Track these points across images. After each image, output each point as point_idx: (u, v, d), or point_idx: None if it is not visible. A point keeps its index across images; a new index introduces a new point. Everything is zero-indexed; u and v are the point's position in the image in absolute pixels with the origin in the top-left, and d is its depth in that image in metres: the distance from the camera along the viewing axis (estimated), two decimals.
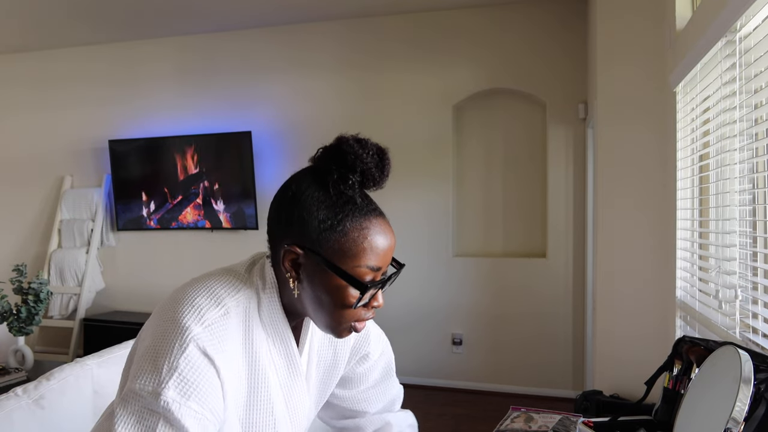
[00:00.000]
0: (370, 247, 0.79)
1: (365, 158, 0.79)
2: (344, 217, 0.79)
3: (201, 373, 0.75)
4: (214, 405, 0.77)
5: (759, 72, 1.40)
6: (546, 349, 3.88)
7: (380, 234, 0.81)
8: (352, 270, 0.79)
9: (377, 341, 1.12)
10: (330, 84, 4.25)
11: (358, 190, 0.81)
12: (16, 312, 2.75)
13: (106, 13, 4.05)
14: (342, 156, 0.79)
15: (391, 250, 0.83)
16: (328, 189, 0.80)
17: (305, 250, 0.81)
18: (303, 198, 0.81)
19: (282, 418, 0.89)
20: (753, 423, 0.88)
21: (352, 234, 0.79)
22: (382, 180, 0.81)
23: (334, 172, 0.79)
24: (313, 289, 0.82)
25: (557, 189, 3.88)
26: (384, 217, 0.83)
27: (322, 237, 0.79)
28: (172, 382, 0.73)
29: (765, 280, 1.37)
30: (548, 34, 3.86)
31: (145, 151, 4.51)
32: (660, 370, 1.27)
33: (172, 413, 0.73)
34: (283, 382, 0.89)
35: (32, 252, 4.90)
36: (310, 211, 0.80)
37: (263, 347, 0.86)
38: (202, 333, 0.77)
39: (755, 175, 1.50)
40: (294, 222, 0.81)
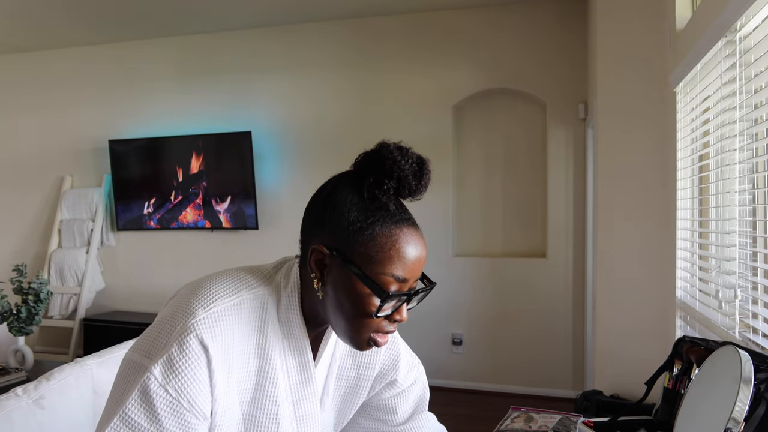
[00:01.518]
0: (397, 256, 0.78)
1: (403, 165, 0.78)
2: (375, 221, 0.78)
3: (190, 361, 0.76)
4: (194, 396, 0.77)
5: (759, 72, 1.40)
6: (546, 348, 3.88)
7: (410, 244, 0.79)
8: (377, 276, 0.77)
9: (408, 369, 1.06)
10: (330, 84, 4.25)
11: (393, 198, 0.80)
12: (16, 312, 2.75)
13: (106, 13, 4.05)
14: (380, 161, 0.78)
15: (420, 263, 0.80)
16: (362, 193, 0.79)
17: (332, 251, 0.79)
18: (336, 199, 0.80)
19: (287, 424, 0.88)
20: (753, 423, 0.88)
21: (380, 239, 0.77)
22: (419, 190, 0.80)
23: (370, 176, 0.79)
24: (336, 293, 0.81)
25: (557, 189, 3.88)
26: (417, 228, 0.82)
27: (350, 239, 0.78)
28: (161, 362, 0.75)
29: (765, 280, 1.37)
30: (548, 35, 3.86)
31: (146, 151, 4.51)
32: (660, 370, 1.27)
33: (149, 391, 0.75)
34: (294, 387, 0.88)
35: (32, 252, 4.90)
36: (341, 213, 0.79)
37: (277, 347, 0.85)
38: (206, 320, 0.78)
39: (755, 175, 1.50)
40: (325, 222, 0.81)
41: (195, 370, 0.77)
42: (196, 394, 0.77)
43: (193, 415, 0.78)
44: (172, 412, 0.76)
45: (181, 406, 0.76)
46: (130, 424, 0.76)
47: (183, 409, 0.77)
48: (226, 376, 0.80)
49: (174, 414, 0.76)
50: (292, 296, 0.86)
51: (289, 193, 4.28)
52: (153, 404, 0.75)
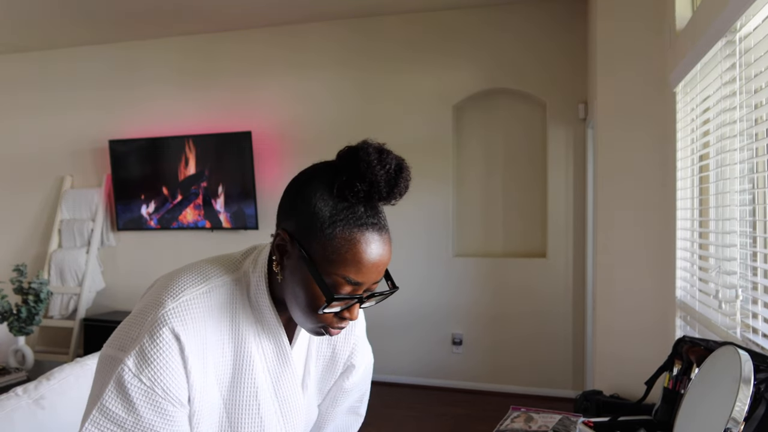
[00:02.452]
0: (353, 260, 0.77)
1: (377, 170, 0.76)
2: (338, 221, 0.77)
3: (161, 350, 0.78)
4: (167, 384, 0.78)
5: (759, 72, 1.40)
6: (546, 348, 3.88)
7: (369, 249, 0.78)
8: (329, 275, 0.78)
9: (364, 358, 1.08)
10: (330, 84, 4.25)
11: (363, 200, 0.78)
12: (16, 312, 2.75)
13: (106, 13, 4.05)
14: (356, 161, 0.77)
15: (377, 269, 0.79)
16: (333, 189, 0.79)
17: (293, 239, 0.80)
18: (309, 189, 0.80)
19: (268, 405, 0.89)
20: (753, 423, 0.88)
21: (339, 241, 0.77)
22: (391, 196, 0.78)
23: (343, 175, 0.78)
24: (291, 280, 0.82)
25: (557, 189, 3.88)
26: (383, 233, 0.80)
27: (311, 233, 0.78)
28: (133, 353, 0.78)
29: (765, 280, 1.37)
30: (548, 35, 3.86)
31: (145, 151, 4.51)
32: (660, 370, 1.27)
33: (123, 381, 0.77)
34: (272, 369, 0.89)
35: (32, 252, 4.90)
36: (309, 204, 0.79)
37: (251, 330, 0.87)
38: (175, 309, 0.80)
39: (755, 175, 1.50)
40: (293, 209, 0.81)
41: (167, 358, 0.78)
42: (170, 381, 0.79)
43: (169, 402, 0.79)
44: (147, 401, 0.78)
45: (155, 394, 0.78)
46: (109, 416, 0.78)
47: (158, 397, 0.78)
48: (202, 362, 0.82)
49: (150, 402, 0.78)
50: (261, 280, 0.87)
51: None
52: (129, 394, 0.77)
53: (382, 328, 4.13)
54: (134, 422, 0.78)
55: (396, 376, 4.13)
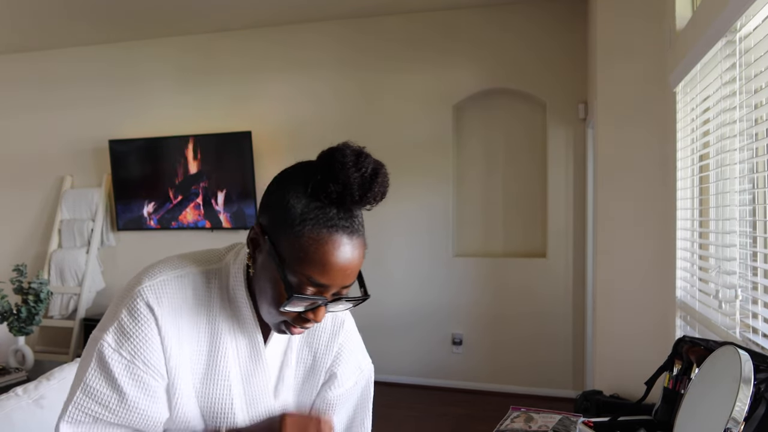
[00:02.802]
0: (318, 261, 0.76)
1: (351, 172, 0.74)
2: (307, 220, 0.76)
3: (138, 323, 0.80)
4: (148, 356, 0.80)
5: (759, 72, 1.40)
6: (546, 349, 3.88)
7: (337, 252, 0.76)
8: (294, 274, 0.77)
9: (353, 370, 1.02)
10: (330, 84, 4.25)
11: (336, 201, 0.77)
12: (16, 312, 2.75)
13: (106, 13, 4.05)
14: (332, 162, 0.76)
15: (344, 273, 0.78)
16: (308, 188, 0.78)
17: (265, 234, 0.80)
18: (286, 186, 0.80)
19: (238, 404, 0.88)
20: (753, 423, 0.88)
21: (305, 240, 0.76)
22: (364, 201, 0.76)
23: (318, 175, 0.77)
24: (260, 274, 0.82)
25: (557, 189, 3.88)
26: (354, 237, 0.78)
27: (281, 230, 0.78)
28: (112, 329, 0.80)
29: (765, 280, 1.37)
30: (548, 34, 3.86)
31: (145, 151, 4.51)
32: (660, 370, 1.27)
33: (104, 357, 0.79)
34: (243, 365, 0.88)
35: (32, 252, 4.90)
36: (283, 201, 0.79)
37: (227, 323, 0.87)
38: (151, 287, 0.82)
39: (755, 175, 1.50)
40: (268, 205, 0.81)
41: (145, 330, 0.80)
42: (150, 353, 0.80)
43: (150, 375, 0.80)
44: (129, 375, 0.79)
45: (136, 367, 0.79)
46: (92, 394, 0.79)
47: (139, 371, 0.80)
48: (177, 340, 0.82)
49: (131, 376, 0.79)
50: (239, 272, 0.88)
51: None
52: (110, 370, 0.79)
53: (382, 328, 4.13)
54: (118, 401, 0.79)
55: (396, 376, 4.13)
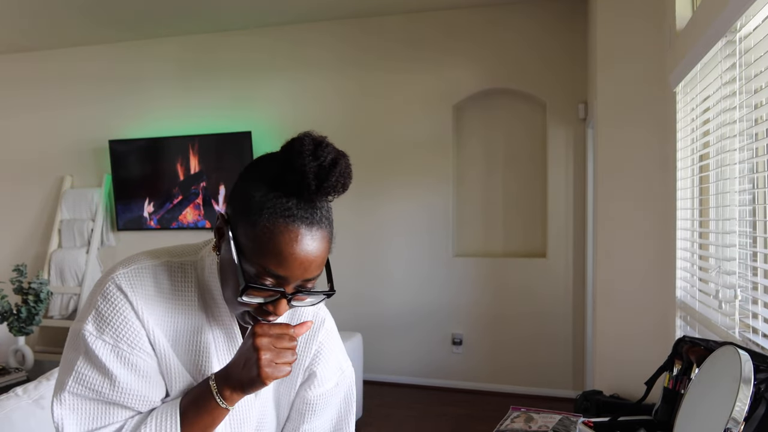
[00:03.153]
0: (273, 251, 0.74)
1: (308, 161, 0.73)
2: (264, 210, 0.75)
3: (114, 307, 0.80)
4: (130, 337, 0.80)
5: (759, 72, 1.40)
6: (546, 349, 3.88)
7: (293, 243, 0.74)
8: (252, 264, 0.75)
9: (334, 370, 0.99)
10: (330, 84, 4.25)
11: (295, 192, 0.75)
12: (16, 312, 2.75)
13: (107, 12, 4.05)
14: (290, 151, 0.75)
15: (302, 265, 0.75)
16: (268, 178, 0.77)
17: (227, 223, 0.79)
18: (248, 177, 0.80)
19: None
20: (753, 423, 0.88)
21: (261, 229, 0.74)
22: (322, 191, 0.75)
23: (278, 164, 0.76)
24: (222, 263, 0.82)
25: (557, 189, 3.88)
26: (314, 228, 0.76)
27: (240, 219, 0.77)
28: (91, 317, 0.81)
29: (765, 280, 1.37)
30: (548, 34, 3.86)
31: (146, 151, 4.51)
32: (660, 370, 1.27)
33: (88, 345, 0.80)
34: (221, 356, 0.88)
35: (32, 252, 4.90)
36: (245, 191, 0.78)
37: (203, 314, 0.87)
38: (125, 274, 0.83)
39: (755, 175, 1.50)
40: (233, 195, 0.81)
41: (121, 311, 0.80)
42: (132, 334, 0.80)
43: (137, 356, 0.81)
44: (116, 358, 0.80)
45: (121, 350, 0.80)
46: (84, 381, 0.80)
47: (125, 353, 0.80)
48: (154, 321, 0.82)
49: (119, 359, 0.80)
50: (214, 263, 0.87)
51: None
52: (96, 356, 0.79)
53: (382, 328, 4.14)
54: (111, 385, 0.80)
55: (396, 376, 4.13)
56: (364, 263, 4.20)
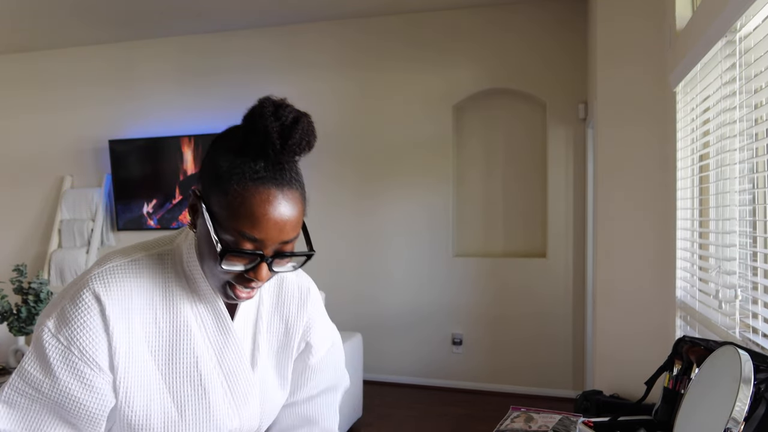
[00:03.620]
0: (246, 214, 0.74)
1: (270, 121, 0.75)
2: (233, 174, 0.75)
3: (81, 311, 0.78)
4: (84, 345, 0.78)
5: (759, 72, 1.40)
6: (546, 349, 3.88)
7: (265, 204, 0.75)
8: (228, 231, 0.76)
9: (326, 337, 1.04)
10: (330, 84, 4.25)
11: (260, 153, 0.76)
12: (16, 312, 2.74)
13: (106, 13, 4.05)
14: (252, 116, 0.77)
15: (278, 226, 0.76)
16: (233, 145, 0.79)
17: (199, 197, 0.80)
18: (216, 148, 0.81)
19: (212, 377, 0.87)
20: (753, 423, 0.88)
21: (233, 194, 0.75)
22: (287, 149, 0.76)
23: (242, 130, 0.78)
24: (199, 237, 0.82)
25: (557, 189, 3.88)
26: (285, 189, 0.77)
27: (211, 189, 0.78)
28: (54, 315, 0.79)
29: (765, 280, 1.37)
30: (548, 34, 3.86)
31: (145, 151, 4.51)
32: (660, 370, 1.27)
33: (42, 341, 0.78)
34: (213, 340, 0.87)
35: (32, 252, 4.90)
36: (213, 162, 0.79)
37: (187, 300, 0.86)
38: (99, 275, 0.81)
39: (755, 175, 1.50)
40: (202, 169, 0.82)
41: (86, 318, 0.78)
42: (87, 342, 0.78)
43: (86, 364, 0.78)
44: (64, 361, 0.78)
45: (72, 354, 0.78)
46: (26, 378, 0.78)
47: (74, 358, 0.78)
48: (127, 327, 0.81)
49: (66, 363, 0.78)
50: (191, 248, 0.86)
51: None
52: (45, 354, 0.77)
53: (382, 328, 4.14)
54: (51, 385, 0.78)
55: (396, 376, 4.13)
56: (364, 263, 4.20)
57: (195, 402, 0.86)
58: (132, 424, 0.82)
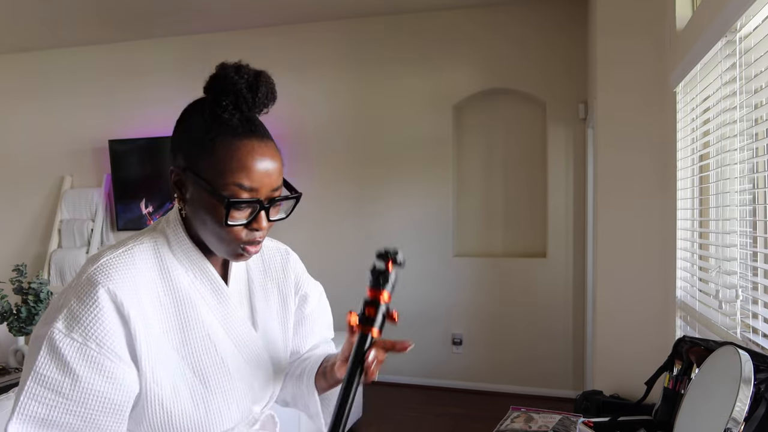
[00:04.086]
0: (239, 166, 0.80)
1: (236, 80, 0.82)
2: (216, 136, 0.81)
3: (88, 306, 0.77)
4: (101, 337, 0.77)
5: (759, 72, 1.40)
6: (546, 348, 3.88)
7: (252, 154, 0.81)
8: (224, 188, 0.80)
9: (314, 287, 1.13)
10: (330, 84, 4.25)
11: (235, 112, 0.83)
12: (16, 312, 2.74)
13: (106, 13, 4.05)
14: (218, 80, 0.84)
15: (267, 174, 0.83)
16: (205, 112, 0.84)
17: (185, 170, 0.84)
18: (186, 123, 0.86)
19: (224, 345, 0.90)
20: (753, 423, 0.88)
21: (220, 152, 0.81)
22: (257, 102, 0.84)
23: (209, 96, 0.84)
24: (195, 209, 0.85)
25: (557, 189, 3.88)
26: (264, 140, 0.84)
27: (197, 156, 0.82)
28: (61, 317, 0.77)
29: (765, 280, 1.37)
30: (548, 34, 3.86)
31: (145, 151, 4.51)
32: (660, 370, 1.27)
33: (54, 343, 0.76)
34: (214, 310, 0.90)
35: (32, 252, 4.90)
36: (189, 134, 0.85)
37: (183, 277, 0.89)
38: (98, 268, 0.81)
39: (755, 175, 1.50)
40: (177, 145, 0.86)
41: (98, 312, 0.77)
42: (103, 334, 0.77)
43: (105, 356, 0.77)
44: (82, 358, 0.76)
45: (89, 348, 0.76)
46: (44, 382, 0.75)
47: (93, 352, 0.76)
48: (140, 311, 0.81)
49: (85, 359, 0.76)
50: (177, 227, 0.90)
51: None
52: (62, 355, 0.75)
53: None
54: (72, 384, 0.75)
55: (396, 376, 4.13)
56: (364, 263, 4.19)
57: (216, 371, 0.88)
58: (164, 405, 0.82)
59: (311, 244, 4.18)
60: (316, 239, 4.22)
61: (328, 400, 1.03)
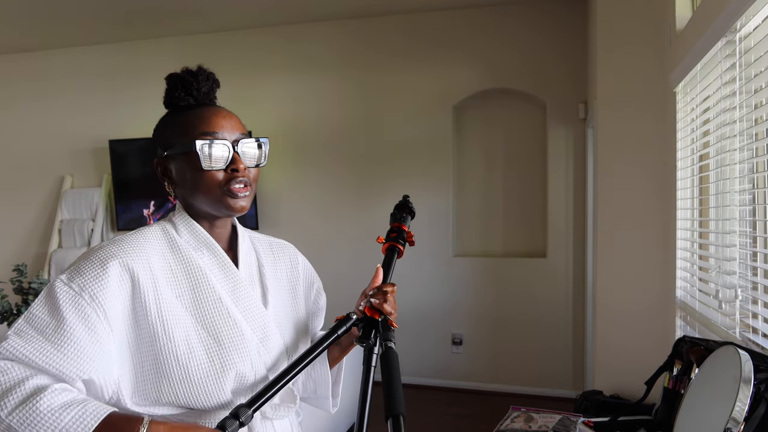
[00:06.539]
0: (198, 123, 0.94)
1: (179, 75, 1.00)
2: (181, 120, 0.97)
3: (95, 265, 0.86)
4: (96, 291, 0.84)
5: (759, 72, 1.40)
6: (546, 348, 3.88)
7: (208, 111, 0.96)
8: (190, 142, 0.93)
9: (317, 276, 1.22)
10: (330, 84, 4.25)
11: (189, 99, 0.98)
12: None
13: (106, 13, 4.05)
14: (167, 84, 1.01)
15: (227, 120, 0.97)
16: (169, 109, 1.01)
17: (164, 156, 0.97)
18: (158, 124, 1.02)
19: (236, 315, 0.96)
20: (753, 423, 0.88)
21: (183, 122, 0.96)
22: (202, 83, 0.99)
23: (167, 98, 1.01)
24: (182, 181, 0.96)
25: (557, 189, 3.88)
26: (221, 107, 0.99)
27: (170, 140, 0.96)
28: (68, 270, 0.87)
29: (765, 280, 1.37)
30: (548, 34, 3.86)
31: (146, 151, 4.51)
32: (660, 370, 1.27)
33: (54, 290, 0.84)
34: (223, 284, 0.97)
35: (32, 252, 4.90)
36: (162, 130, 0.99)
37: (192, 255, 0.97)
38: (112, 242, 0.91)
39: (755, 175, 1.50)
40: (155, 142, 1.00)
41: (102, 273, 0.86)
42: (100, 291, 0.84)
43: (94, 309, 0.83)
44: (72, 304, 0.83)
45: (82, 298, 0.83)
46: (32, 321, 0.82)
47: (84, 302, 0.83)
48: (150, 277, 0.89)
49: (74, 305, 0.82)
50: (183, 215, 1.00)
51: (289, 192, 4.28)
52: (56, 299, 0.83)
53: None
54: (55, 326, 0.81)
55: None
56: (364, 263, 4.19)
57: (229, 330, 0.93)
58: (179, 359, 0.88)
59: (311, 243, 4.18)
60: (314, 238, 4.22)
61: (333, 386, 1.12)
